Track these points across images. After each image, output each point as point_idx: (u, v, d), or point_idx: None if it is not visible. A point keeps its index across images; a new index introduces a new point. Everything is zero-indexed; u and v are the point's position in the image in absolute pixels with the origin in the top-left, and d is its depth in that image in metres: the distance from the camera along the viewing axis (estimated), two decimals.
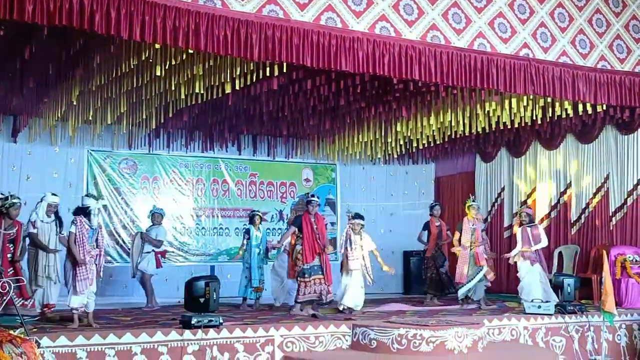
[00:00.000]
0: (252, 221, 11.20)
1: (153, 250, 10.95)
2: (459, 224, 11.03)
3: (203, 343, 7.37)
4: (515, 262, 10.60)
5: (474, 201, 11.20)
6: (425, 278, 11.98)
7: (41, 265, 8.54)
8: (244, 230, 11.45)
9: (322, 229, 9.63)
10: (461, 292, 10.77)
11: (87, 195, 8.65)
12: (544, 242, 10.61)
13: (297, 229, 9.66)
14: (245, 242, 11.02)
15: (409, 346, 7.67)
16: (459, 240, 10.79)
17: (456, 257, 10.96)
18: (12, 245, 8.21)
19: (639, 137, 11.37)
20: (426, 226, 12.09)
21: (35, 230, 8.56)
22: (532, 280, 10.27)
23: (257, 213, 11.34)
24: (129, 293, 12.21)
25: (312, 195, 9.95)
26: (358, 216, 9.88)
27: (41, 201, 8.74)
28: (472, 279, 10.61)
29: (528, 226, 10.58)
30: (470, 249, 10.67)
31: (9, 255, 8.17)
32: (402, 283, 15.03)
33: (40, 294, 8.51)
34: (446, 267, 11.88)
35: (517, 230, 10.76)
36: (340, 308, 9.55)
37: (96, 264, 8.06)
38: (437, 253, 11.87)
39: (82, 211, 8.13)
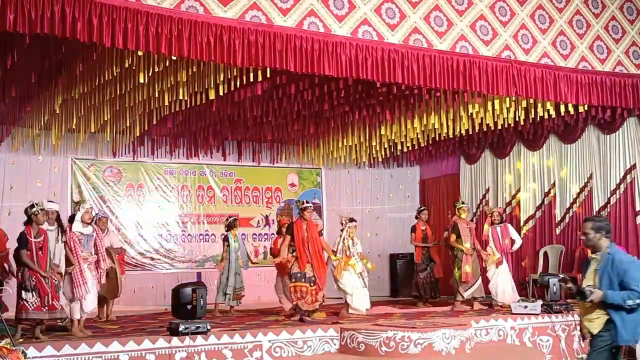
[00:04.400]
0: (231, 227, 10.95)
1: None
2: (454, 226, 10.98)
3: (191, 350, 7.35)
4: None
5: (463, 203, 11.38)
6: (415, 282, 11.90)
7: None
8: (223, 237, 11.16)
9: (314, 236, 9.46)
10: (467, 293, 10.77)
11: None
12: (519, 240, 11.17)
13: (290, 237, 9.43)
14: (226, 248, 10.77)
15: (397, 348, 7.69)
16: (456, 241, 10.79)
17: (448, 259, 10.99)
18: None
19: (621, 137, 11.47)
20: (413, 229, 12.08)
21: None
22: (504, 279, 10.75)
23: (237, 218, 11.32)
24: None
25: (307, 202, 9.71)
26: (352, 220, 10.21)
27: None
28: (478, 279, 10.78)
29: (498, 225, 11.00)
30: (473, 248, 10.84)
31: None
32: (389, 286, 15.08)
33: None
34: (433, 271, 11.83)
35: (487, 229, 11.03)
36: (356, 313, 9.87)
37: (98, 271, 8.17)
38: (425, 256, 11.84)
39: (70, 219, 8.22)
